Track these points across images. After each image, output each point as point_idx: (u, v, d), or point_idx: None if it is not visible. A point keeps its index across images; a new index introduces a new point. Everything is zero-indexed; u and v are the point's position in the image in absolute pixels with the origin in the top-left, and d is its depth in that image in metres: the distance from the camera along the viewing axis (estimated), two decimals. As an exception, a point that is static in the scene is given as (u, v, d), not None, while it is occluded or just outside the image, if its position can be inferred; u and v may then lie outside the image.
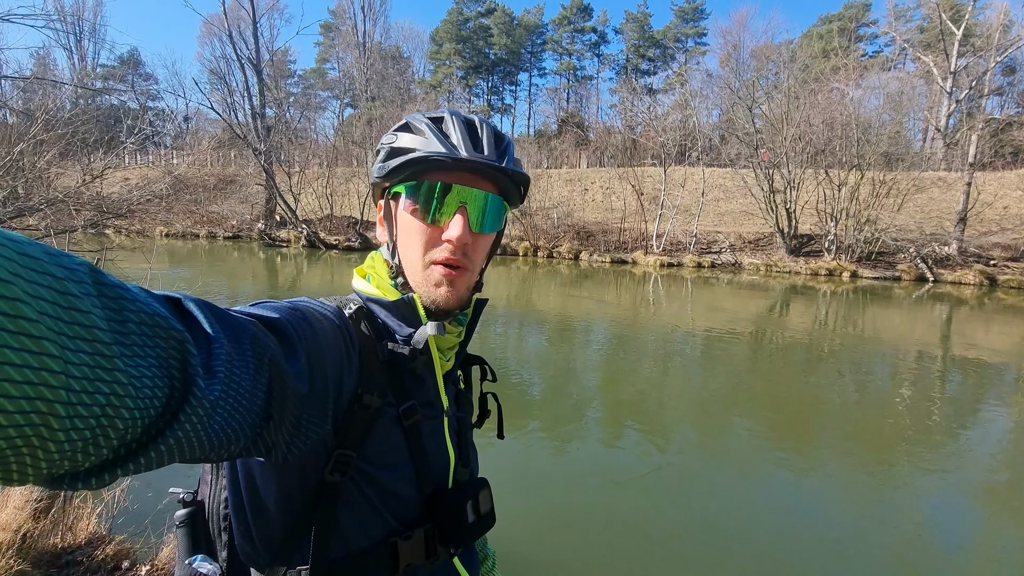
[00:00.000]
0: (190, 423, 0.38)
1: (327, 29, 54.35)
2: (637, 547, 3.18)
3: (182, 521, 0.80)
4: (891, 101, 23.10)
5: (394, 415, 0.71)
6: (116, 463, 0.35)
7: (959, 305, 14.53)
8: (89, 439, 0.32)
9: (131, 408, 0.34)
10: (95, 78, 46.82)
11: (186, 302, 0.44)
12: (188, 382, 0.39)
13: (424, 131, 0.74)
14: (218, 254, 21.17)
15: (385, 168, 0.74)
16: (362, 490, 0.68)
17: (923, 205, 21.73)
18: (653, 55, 54.90)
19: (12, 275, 0.28)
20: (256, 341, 0.47)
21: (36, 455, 0.30)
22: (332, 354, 0.62)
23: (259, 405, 0.47)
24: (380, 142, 0.78)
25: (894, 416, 5.76)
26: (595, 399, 6.20)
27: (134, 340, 0.35)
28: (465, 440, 0.85)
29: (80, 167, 9.33)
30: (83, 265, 0.34)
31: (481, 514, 0.78)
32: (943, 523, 3.67)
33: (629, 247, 22.93)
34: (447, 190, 0.71)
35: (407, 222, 0.74)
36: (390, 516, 0.70)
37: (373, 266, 0.80)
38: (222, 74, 33.66)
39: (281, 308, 0.59)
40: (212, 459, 0.44)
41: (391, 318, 0.74)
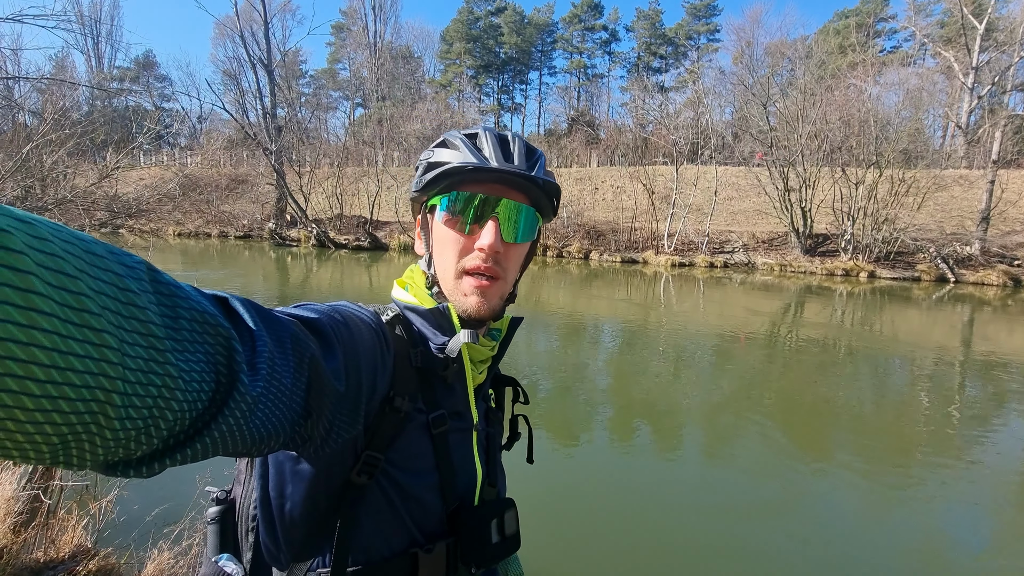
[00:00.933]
0: (234, 417, 0.40)
1: (338, 29, 54.61)
2: (644, 552, 3.12)
3: (213, 518, 0.80)
4: (910, 97, 22.57)
5: (423, 422, 0.72)
6: (165, 453, 0.37)
7: (981, 306, 14.13)
8: (142, 428, 0.34)
9: (180, 400, 0.36)
10: (111, 80, 47.52)
11: (232, 301, 0.46)
12: (233, 378, 0.41)
13: (459, 145, 0.76)
14: (230, 253, 21.31)
15: (422, 181, 0.77)
16: (387, 494, 0.69)
17: (944, 204, 21.23)
18: (665, 53, 54.40)
19: (79, 271, 0.30)
20: (297, 340, 0.49)
21: (94, 441, 0.32)
22: (367, 356, 0.63)
23: (299, 402, 0.48)
24: (418, 159, 0.80)
25: (912, 421, 5.58)
26: (604, 400, 6.09)
27: (185, 336, 0.37)
28: (493, 459, 0.85)
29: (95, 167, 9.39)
30: (141, 264, 0.36)
31: (506, 535, 0.77)
32: (962, 531, 3.56)
33: (640, 247, 22.68)
34: (480, 200, 0.74)
35: (442, 232, 0.77)
36: (413, 525, 0.71)
37: (412, 277, 0.83)
38: (235, 75, 34.00)
39: (321, 310, 0.60)
40: (253, 453, 0.47)
41: (426, 326, 0.76)
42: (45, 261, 0.28)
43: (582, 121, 43.62)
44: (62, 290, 0.28)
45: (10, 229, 0.27)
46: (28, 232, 0.28)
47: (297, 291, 13.25)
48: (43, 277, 0.28)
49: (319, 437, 0.54)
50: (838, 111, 20.97)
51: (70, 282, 0.29)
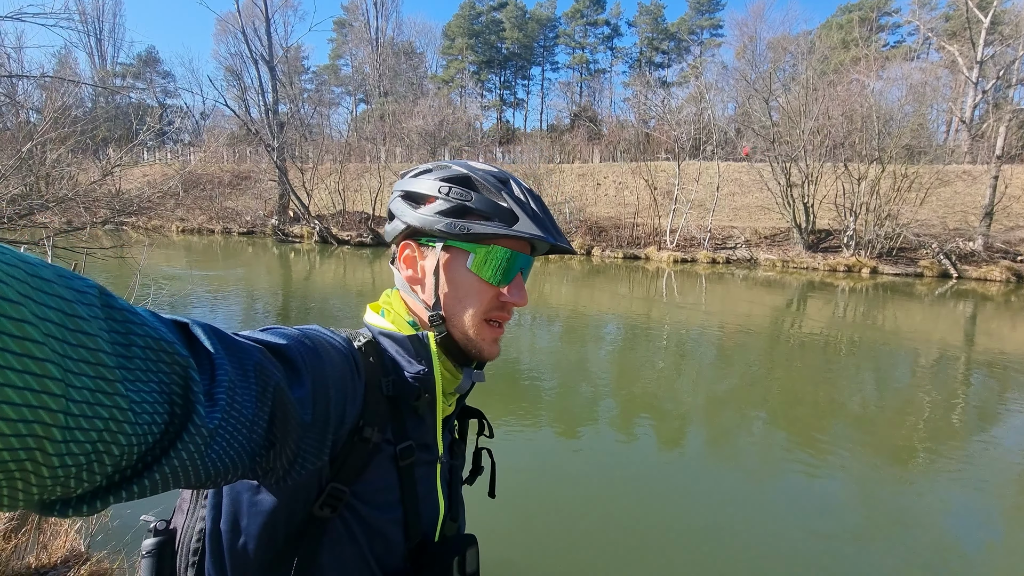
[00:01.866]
0: (187, 451, 0.38)
1: (340, 25, 54.51)
2: (647, 547, 3.13)
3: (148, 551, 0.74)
4: (914, 92, 22.41)
5: (391, 453, 0.70)
6: (108, 490, 0.35)
7: (984, 302, 14.09)
8: (84, 464, 0.31)
9: (128, 434, 0.34)
10: (114, 76, 47.55)
11: (193, 327, 0.44)
12: (188, 409, 0.38)
13: (506, 201, 0.75)
14: (233, 250, 21.38)
15: (466, 228, 0.73)
16: (349, 528, 0.66)
17: (947, 199, 21.12)
18: (667, 48, 54.11)
19: (22, 296, 0.28)
20: (261, 369, 0.47)
21: (28, 480, 0.29)
22: (336, 384, 0.61)
23: (259, 434, 0.46)
24: (438, 189, 0.76)
25: (915, 417, 5.59)
26: (606, 396, 6.12)
27: (138, 364, 0.35)
28: (456, 492, 0.84)
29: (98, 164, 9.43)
30: (93, 288, 0.34)
31: (466, 574, 0.74)
32: (964, 527, 3.57)
33: (642, 243, 22.65)
34: (515, 258, 0.76)
35: (468, 280, 0.76)
36: (374, 562, 0.68)
37: (390, 303, 0.81)
38: (237, 71, 33.98)
39: (290, 335, 0.58)
40: (208, 486, 0.44)
41: (401, 353, 0.74)
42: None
43: (584, 117, 43.48)
44: (1, 317, 0.27)
45: None
46: None
47: (300, 287, 13.29)
48: None
49: (282, 468, 0.52)
50: (841, 106, 20.84)
51: (11, 308, 0.27)
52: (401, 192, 0.80)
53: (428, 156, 27.68)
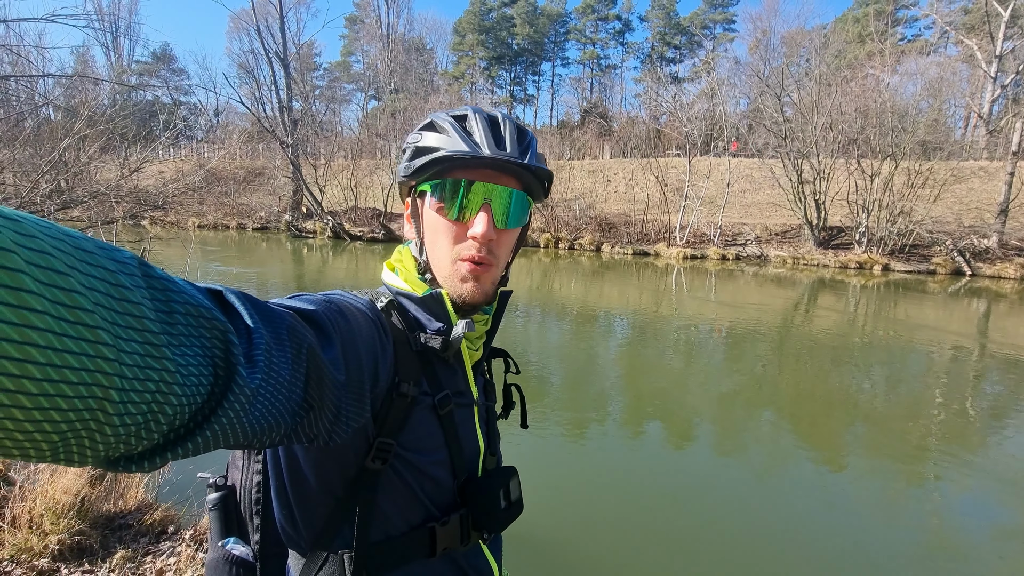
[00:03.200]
0: (233, 411, 0.40)
1: (352, 22, 54.85)
2: (654, 544, 3.17)
3: (214, 504, 0.82)
4: (930, 87, 22.18)
5: (430, 404, 0.73)
6: (166, 447, 0.37)
7: (998, 300, 14.01)
8: (141, 424, 0.34)
9: (179, 395, 0.36)
10: (131, 74, 48.31)
11: (227, 294, 0.46)
12: (231, 371, 0.40)
13: (448, 130, 0.75)
14: (247, 245, 21.77)
15: (411, 167, 0.76)
16: (401, 476, 0.70)
17: (962, 196, 20.92)
18: (679, 43, 53.76)
19: (70, 268, 0.29)
20: (294, 331, 0.49)
21: (94, 438, 0.31)
22: (366, 344, 0.64)
23: (298, 394, 0.48)
24: (406, 141, 0.79)
25: (926, 416, 5.57)
26: (615, 392, 6.20)
27: (180, 330, 0.37)
28: (492, 429, 0.88)
29: (119, 161, 9.75)
30: (133, 259, 0.35)
31: (512, 501, 0.80)
32: (979, 523, 3.57)
33: (652, 239, 22.70)
34: (471, 187, 0.73)
35: (433, 220, 0.76)
36: (428, 501, 0.73)
37: (401, 260, 0.82)
38: (250, 68, 34.36)
39: (316, 300, 0.61)
40: (255, 446, 0.46)
41: (420, 312, 0.76)
42: (35, 259, 0.28)
43: (595, 113, 43.43)
44: (53, 287, 0.28)
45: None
46: (15, 230, 0.28)
47: (313, 282, 13.59)
48: (33, 275, 0.27)
49: (325, 430, 0.54)
50: (854, 102, 20.70)
51: (61, 279, 0.29)
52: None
53: (439, 152, 27.79)
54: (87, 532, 2.08)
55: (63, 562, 2.02)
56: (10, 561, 1.97)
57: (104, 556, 2.09)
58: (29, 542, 2.02)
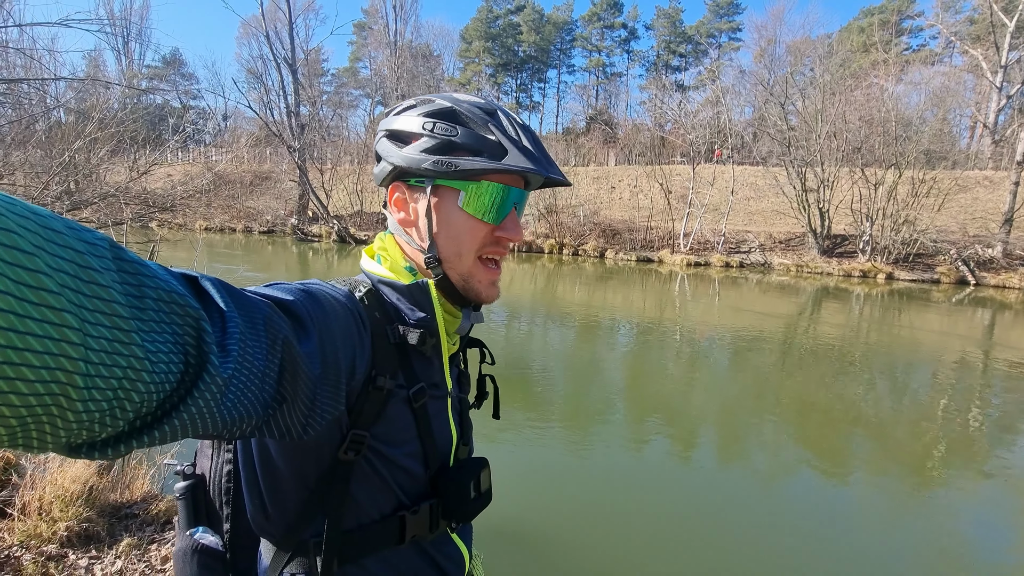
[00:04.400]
0: (203, 399, 0.39)
1: (360, 28, 55.39)
2: (654, 554, 3.16)
3: (182, 493, 0.81)
4: (935, 97, 22.19)
5: (404, 396, 0.72)
6: (132, 435, 0.36)
7: (1003, 309, 13.96)
8: (106, 410, 0.33)
9: (147, 382, 0.35)
10: (141, 78, 48.92)
11: (202, 280, 0.45)
12: (202, 359, 0.39)
13: (494, 134, 0.72)
14: (254, 248, 21.95)
15: (452, 165, 0.71)
16: (374, 466, 0.70)
17: (966, 205, 20.88)
18: (684, 51, 54.01)
19: (35, 247, 0.29)
20: (269, 322, 0.48)
21: (56, 424, 0.31)
22: (343, 336, 0.63)
23: (271, 385, 0.47)
24: (422, 126, 0.73)
25: (931, 425, 5.53)
26: (617, 399, 6.18)
27: (151, 316, 0.36)
28: (465, 419, 0.88)
29: (128, 164, 9.92)
30: (103, 240, 0.34)
31: (481, 491, 0.81)
32: (985, 538, 3.54)
33: (656, 246, 22.73)
34: (511, 193, 0.74)
35: (460, 219, 0.74)
36: (399, 491, 0.73)
37: (384, 248, 0.80)
38: (259, 74, 34.76)
39: (294, 290, 0.60)
40: (224, 436, 0.45)
41: (403, 301, 0.74)
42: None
43: (600, 120, 43.57)
44: (17, 267, 0.27)
45: None
46: None
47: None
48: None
49: (299, 423, 0.53)
50: (858, 111, 20.74)
51: (26, 259, 0.28)
52: (385, 131, 0.78)
53: (445, 158, 28.06)
54: (94, 520, 2.14)
55: (71, 548, 2.09)
56: (20, 547, 2.04)
57: (111, 543, 2.15)
58: (39, 528, 2.08)
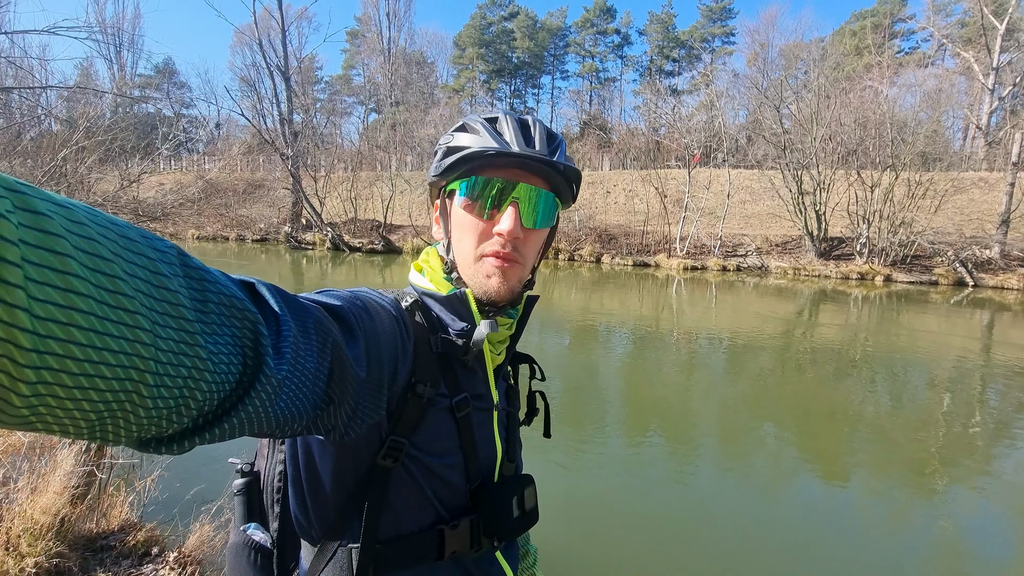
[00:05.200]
0: (259, 399, 0.41)
1: (353, 36, 55.49)
2: (655, 557, 3.13)
3: (239, 490, 0.84)
4: (928, 99, 22.31)
5: (446, 405, 0.73)
6: (194, 432, 0.39)
7: (1001, 311, 13.92)
8: (173, 408, 0.35)
9: (209, 381, 0.37)
10: (133, 87, 48.72)
11: (259, 286, 0.47)
12: (259, 360, 0.41)
13: (479, 130, 0.76)
14: (247, 256, 21.75)
15: (441, 166, 0.77)
16: (412, 475, 0.71)
17: (963, 207, 20.93)
18: (678, 56, 54.30)
19: (113, 254, 0.31)
20: (320, 326, 0.50)
21: (129, 418, 0.33)
22: (388, 343, 0.65)
23: (321, 387, 0.49)
24: (437, 143, 0.80)
25: (931, 427, 5.51)
26: (615, 403, 6.12)
27: (213, 319, 0.38)
28: (513, 435, 0.87)
29: (118, 172, 9.75)
30: (172, 248, 0.37)
31: (526, 510, 0.79)
32: (985, 542, 3.51)
33: (652, 250, 22.66)
34: (500, 185, 0.74)
35: (461, 217, 0.77)
36: (438, 503, 0.73)
37: (428, 260, 0.83)
38: (252, 82, 34.73)
39: (343, 296, 0.62)
40: (276, 435, 0.47)
41: (444, 312, 0.76)
42: (82, 244, 0.29)
43: (594, 125, 43.70)
44: (98, 272, 0.29)
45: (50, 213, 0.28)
46: (66, 216, 0.29)
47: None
48: (80, 260, 0.29)
49: (342, 424, 0.55)
50: (853, 113, 20.80)
51: (105, 265, 0.30)
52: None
53: (440, 164, 28.02)
54: (66, 554, 1.97)
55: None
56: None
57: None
58: (4, 565, 1.91)
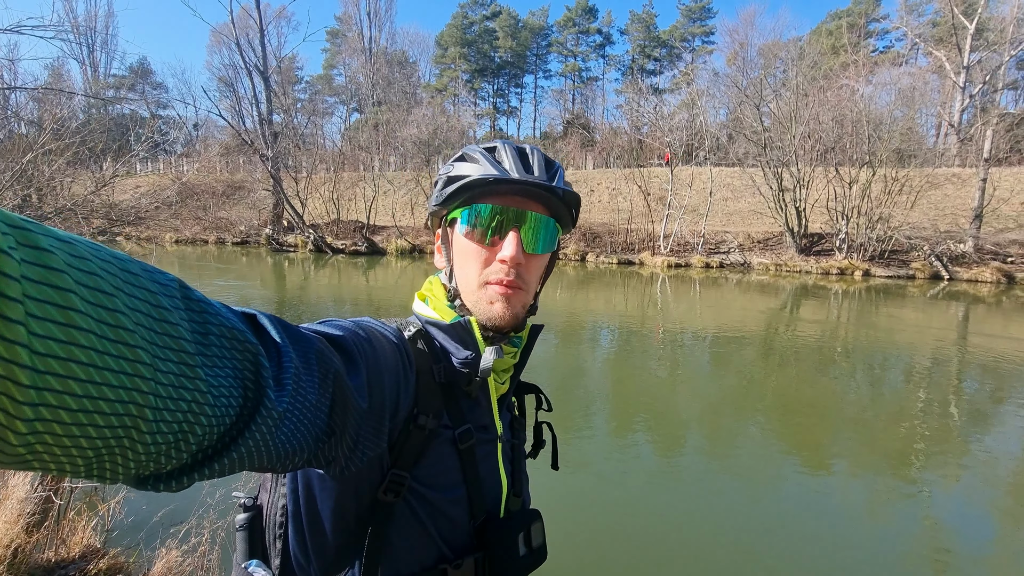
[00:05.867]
0: (260, 432, 0.41)
1: (333, 35, 54.80)
2: (642, 553, 3.13)
3: (241, 525, 0.81)
4: (903, 97, 22.76)
5: (449, 437, 0.72)
6: (193, 467, 0.38)
7: (976, 303, 14.24)
8: (172, 443, 0.35)
9: (209, 415, 0.37)
10: (107, 88, 47.53)
11: (260, 318, 0.46)
12: (260, 393, 0.41)
13: (478, 159, 0.77)
14: (227, 259, 21.33)
15: (442, 195, 0.77)
16: (415, 512, 0.69)
17: (937, 202, 21.39)
18: (659, 55, 54.70)
19: (115, 289, 0.31)
20: (322, 357, 0.50)
21: (127, 455, 0.33)
22: (390, 373, 0.64)
23: (322, 419, 0.49)
24: (438, 173, 0.81)
25: (910, 418, 5.63)
26: (601, 400, 6.13)
27: (214, 352, 0.38)
28: (519, 468, 0.85)
29: (91, 175, 9.44)
30: (174, 281, 0.37)
31: (533, 547, 0.77)
32: (963, 528, 3.58)
33: (636, 248, 22.78)
34: (501, 212, 0.74)
35: (463, 245, 0.77)
36: (441, 541, 0.71)
37: (431, 289, 0.82)
38: (230, 82, 34.13)
39: (345, 327, 0.61)
40: (278, 469, 0.47)
41: (448, 340, 0.75)
42: (84, 279, 0.29)
43: (577, 124, 43.81)
44: (99, 307, 0.29)
45: (52, 249, 0.28)
46: (68, 252, 0.29)
47: (295, 296, 13.28)
48: (82, 295, 0.29)
49: (343, 456, 0.55)
50: (831, 111, 21.13)
51: (107, 299, 0.30)
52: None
53: (422, 165, 27.81)
54: (20, 587, 1.85)
55: (-8, 623, 1.79)
56: (-69, 623, 1.74)
57: (41, 613, 1.87)
58: (-47, 600, 1.79)
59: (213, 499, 2.35)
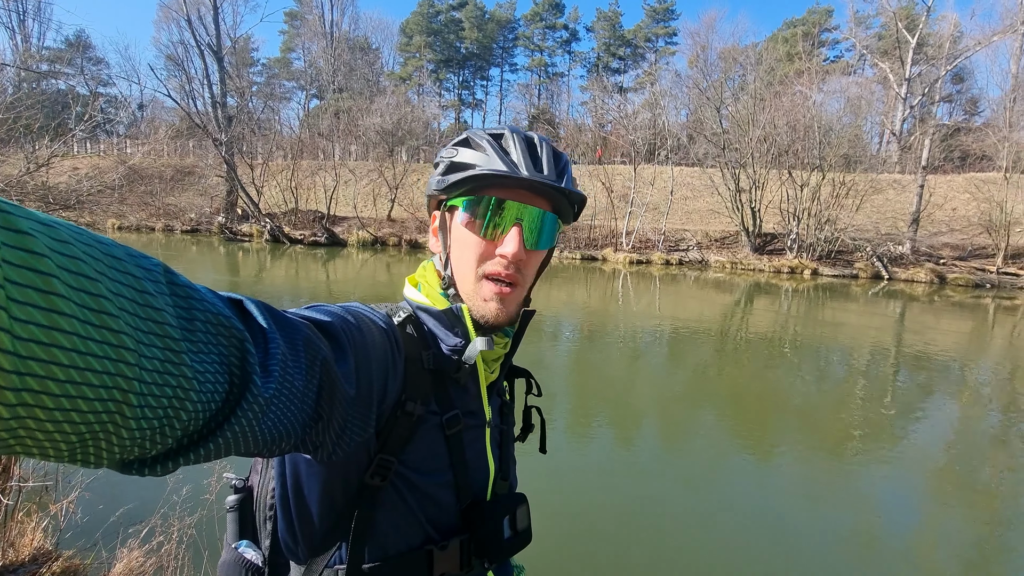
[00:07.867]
0: (246, 418, 0.41)
1: (292, 17, 52.73)
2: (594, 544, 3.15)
3: (232, 506, 0.82)
4: (851, 105, 23.97)
5: (437, 423, 0.72)
6: (179, 452, 0.38)
7: (911, 302, 15.21)
8: (157, 428, 0.34)
9: (195, 401, 0.36)
10: (40, 60, 44.12)
11: (247, 303, 0.46)
12: (246, 379, 0.41)
13: (485, 147, 0.75)
14: (176, 248, 20.30)
15: (445, 182, 0.75)
16: (402, 495, 0.69)
17: (879, 206, 22.68)
18: (624, 54, 55.45)
19: (98, 273, 0.30)
20: (309, 343, 0.49)
21: (111, 440, 0.32)
22: (379, 359, 0.64)
23: (309, 405, 0.49)
24: (439, 155, 0.79)
25: (849, 409, 5.98)
26: (558, 394, 6.17)
27: (200, 337, 0.38)
28: (507, 452, 0.86)
29: (24, 155, 8.74)
30: (158, 266, 0.37)
31: (518, 530, 0.78)
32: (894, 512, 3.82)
33: (599, 244, 23.12)
34: (504, 206, 0.73)
35: (462, 235, 0.75)
36: (427, 523, 0.71)
37: (424, 275, 0.81)
38: (180, 60, 32.38)
39: (333, 312, 0.61)
40: (264, 454, 0.47)
41: (439, 327, 0.75)
42: (67, 264, 0.29)
43: (542, 119, 43.94)
44: (82, 292, 0.29)
45: (33, 232, 0.28)
46: (51, 235, 0.29)
47: (248, 288, 12.79)
48: (64, 279, 0.28)
49: (331, 441, 0.54)
50: (785, 116, 22.01)
51: (90, 284, 0.30)
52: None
53: (385, 154, 27.24)
54: (-38, 595, 1.71)
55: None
56: None
57: (-15, 622, 1.73)
58: None
59: (180, 496, 2.24)
